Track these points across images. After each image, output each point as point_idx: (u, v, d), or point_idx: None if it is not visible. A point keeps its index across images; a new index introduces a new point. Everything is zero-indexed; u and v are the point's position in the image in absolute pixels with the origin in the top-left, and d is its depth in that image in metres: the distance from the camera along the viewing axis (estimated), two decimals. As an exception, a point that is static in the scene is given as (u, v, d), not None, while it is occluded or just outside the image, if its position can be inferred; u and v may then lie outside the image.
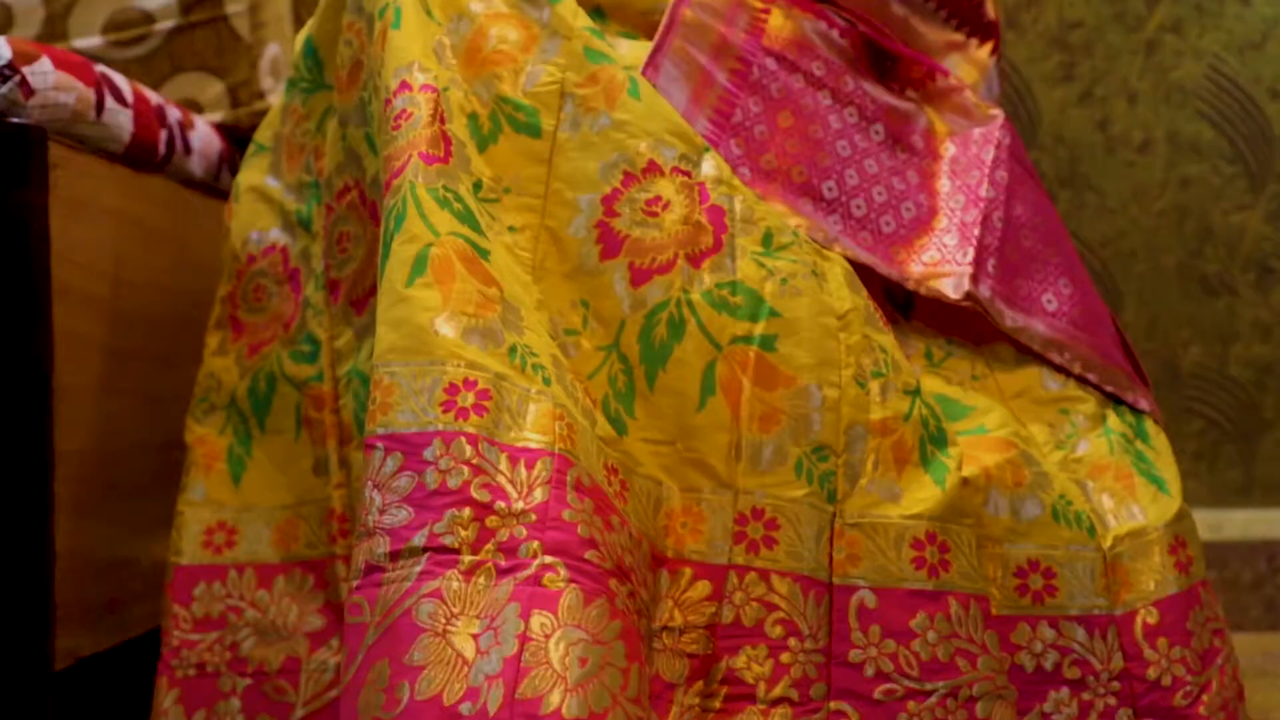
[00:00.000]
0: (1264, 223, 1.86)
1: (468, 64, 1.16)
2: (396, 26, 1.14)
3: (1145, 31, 1.87)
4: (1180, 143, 1.87)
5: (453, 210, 1.06)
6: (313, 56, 1.30)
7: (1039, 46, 1.88)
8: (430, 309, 1.00)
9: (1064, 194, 1.88)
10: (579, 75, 1.14)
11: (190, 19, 1.75)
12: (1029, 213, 1.28)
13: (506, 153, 1.13)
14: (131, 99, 1.46)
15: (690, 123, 1.21)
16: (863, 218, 1.23)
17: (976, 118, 1.34)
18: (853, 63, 1.35)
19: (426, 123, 1.09)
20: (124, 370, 1.44)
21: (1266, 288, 1.86)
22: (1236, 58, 1.87)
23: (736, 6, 1.32)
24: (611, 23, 1.28)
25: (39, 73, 1.31)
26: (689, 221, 1.10)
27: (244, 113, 1.76)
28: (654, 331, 1.08)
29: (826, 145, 1.25)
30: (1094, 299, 1.29)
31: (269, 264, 1.31)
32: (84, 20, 1.75)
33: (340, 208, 1.25)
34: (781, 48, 1.29)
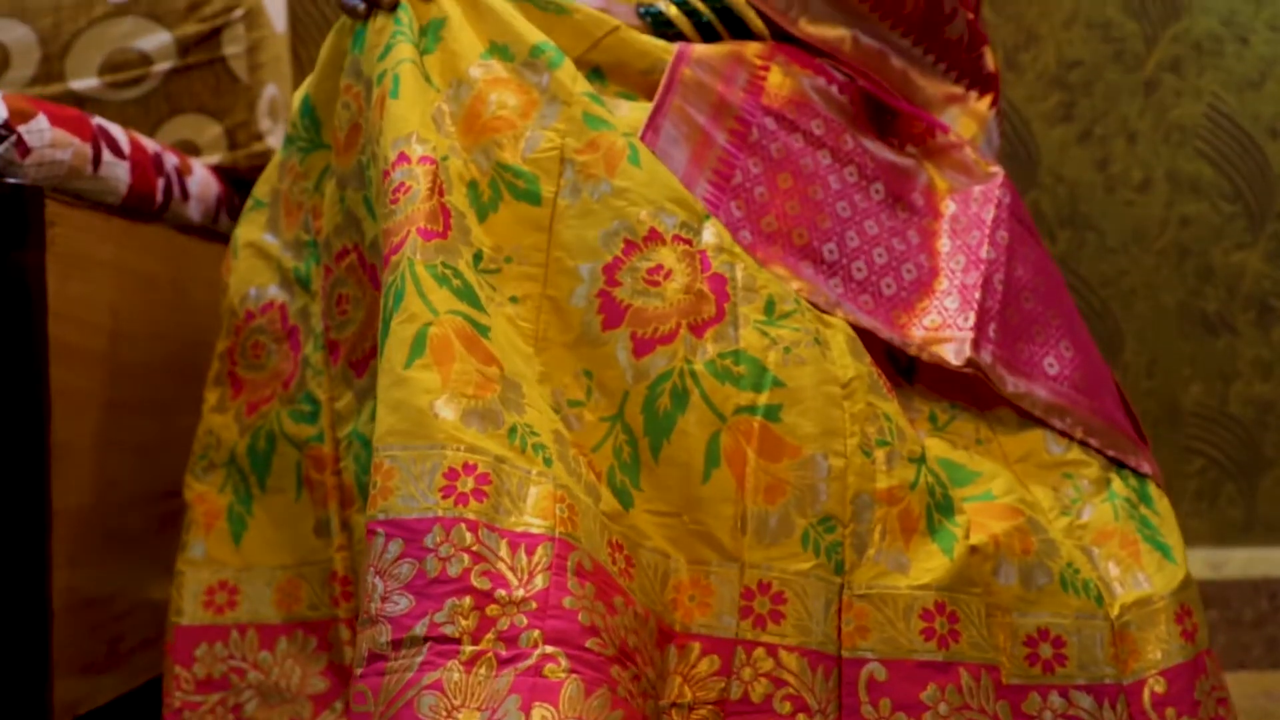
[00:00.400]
0: (1264, 261, 1.86)
1: (467, 131, 1.15)
2: (395, 95, 1.14)
3: (1144, 71, 1.87)
4: (1180, 182, 1.87)
5: (451, 287, 1.05)
6: (310, 116, 1.29)
7: (1038, 86, 1.88)
8: (429, 391, 1.00)
9: (1064, 233, 1.87)
10: (579, 141, 1.14)
11: (188, 61, 1.74)
12: (1030, 274, 1.28)
13: (507, 221, 1.13)
14: (128, 149, 1.46)
15: (691, 184, 1.21)
16: (863, 280, 1.23)
17: (977, 175, 1.34)
18: (852, 119, 1.34)
19: (425, 196, 1.09)
20: (121, 422, 1.43)
21: (1267, 326, 1.86)
22: (1235, 97, 1.87)
23: (735, 63, 1.31)
24: (610, 83, 1.27)
25: (35, 130, 1.30)
26: (691, 290, 1.09)
27: (242, 155, 1.75)
28: (657, 402, 1.07)
29: (827, 207, 1.25)
30: (1095, 360, 1.29)
31: (267, 321, 1.31)
32: (81, 61, 1.74)
33: (339, 270, 1.24)
34: (780, 106, 1.29)
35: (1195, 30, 1.87)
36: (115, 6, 1.75)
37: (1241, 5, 1.86)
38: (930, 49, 1.42)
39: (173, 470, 1.49)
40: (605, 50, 1.27)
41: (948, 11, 1.41)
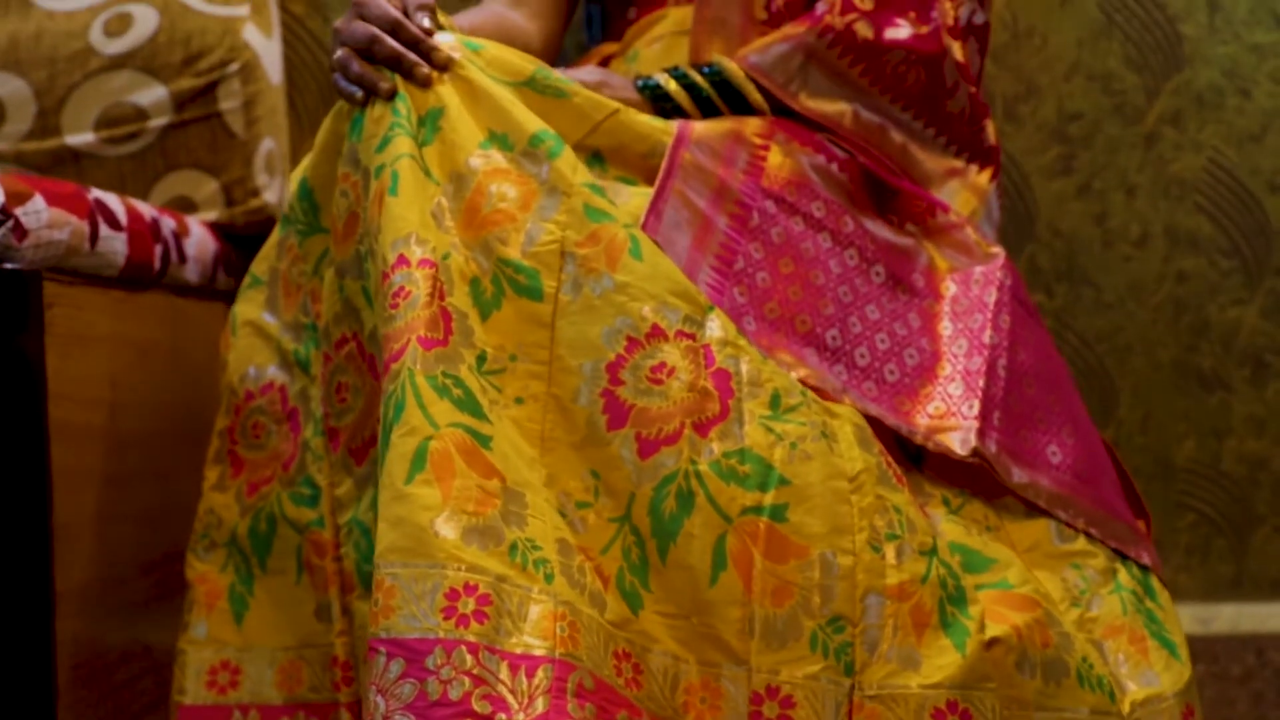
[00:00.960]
0: (1260, 317, 1.86)
1: (467, 226, 1.15)
2: (394, 193, 1.13)
3: (1145, 124, 1.87)
4: (1178, 236, 1.87)
5: (452, 398, 1.05)
6: (308, 199, 1.29)
7: (1037, 139, 1.87)
8: (430, 508, 1.00)
9: (1060, 288, 1.87)
10: (579, 234, 1.13)
11: (184, 116, 1.73)
12: (1032, 358, 1.28)
13: (510, 318, 1.12)
14: (125, 220, 1.45)
15: (694, 270, 1.20)
16: (866, 367, 1.23)
17: (977, 255, 1.34)
18: (852, 197, 1.34)
19: (425, 302, 1.08)
20: (122, 494, 1.43)
21: (1261, 382, 1.86)
22: (1236, 151, 1.86)
23: (735, 142, 1.31)
24: (610, 167, 1.27)
25: (32, 212, 1.30)
26: (695, 388, 1.09)
27: (239, 212, 1.74)
28: (663, 505, 1.07)
29: (828, 292, 1.25)
30: (1096, 444, 1.29)
31: (267, 402, 1.30)
32: (76, 115, 1.73)
33: (338, 358, 1.24)
34: (780, 188, 1.28)
35: (1197, 82, 1.86)
36: (111, 60, 1.74)
37: (1244, 57, 1.86)
38: (931, 123, 1.42)
39: (174, 535, 1.49)
40: (605, 134, 1.26)
41: (949, 85, 1.41)
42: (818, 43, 1.38)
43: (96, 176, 1.73)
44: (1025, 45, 1.87)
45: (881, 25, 1.39)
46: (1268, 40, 1.86)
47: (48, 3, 1.78)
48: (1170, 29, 1.86)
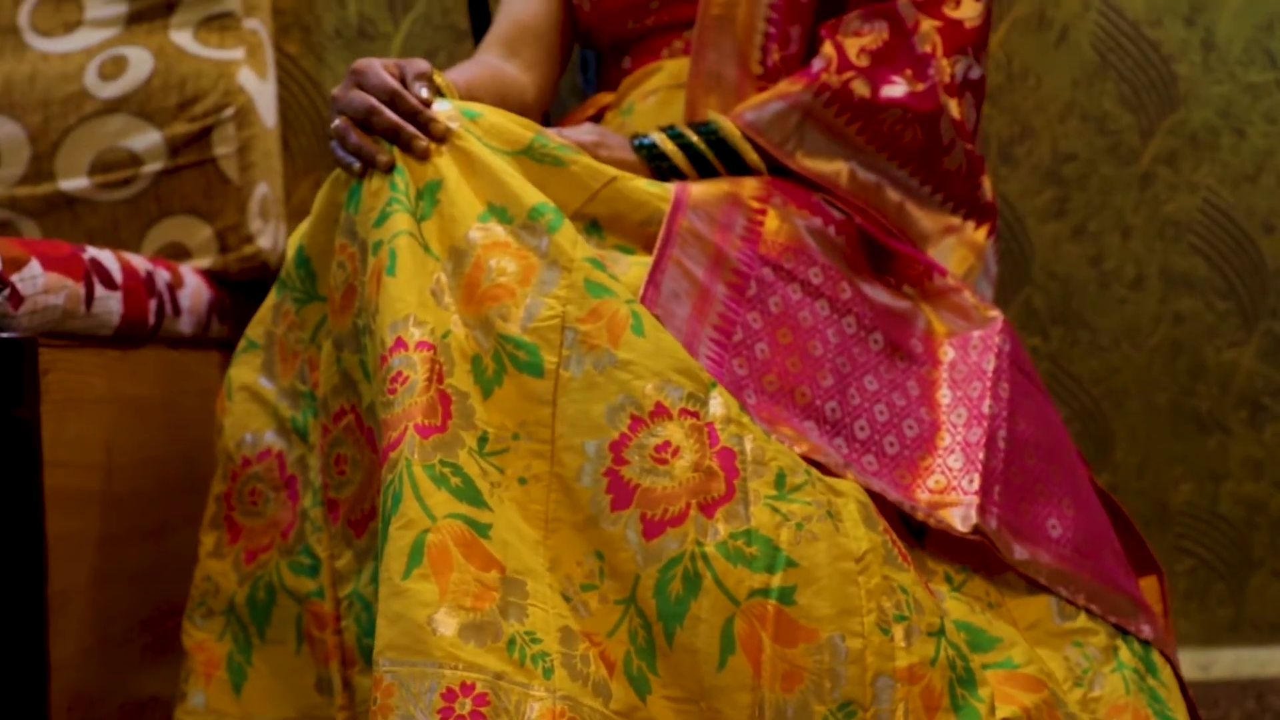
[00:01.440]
0: (1257, 359, 1.86)
1: (467, 302, 1.14)
2: (391, 273, 1.12)
3: (1139, 165, 1.87)
4: (1173, 278, 1.87)
5: (450, 487, 1.05)
6: (305, 267, 1.28)
7: (1032, 180, 1.87)
8: (427, 604, 1.00)
9: (1056, 331, 1.87)
10: (580, 310, 1.12)
11: (178, 161, 1.73)
12: (1032, 428, 1.28)
13: (511, 395, 1.12)
14: (120, 278, 1.44)
15: (694, 341, 1.20)
16: (866, 440, 1.22)
17: (975, 319, 1.33)
18: (848, 260, 1.34)
19: (422, 388, 1.08)
20: (117, 555, 1.43)
21: (1259, 425, 1.86)
22: (1231, 191, 1.86)
23: (732, 206, 1.31)
24: (608, 236, 1.26)
25: (28, 278, 1.29)
26: (700, 468, 1.08)
27: (233, 258, 1.74)
28: (669, 587, 1.06)
29: (827, 362, 1.24)
30: (1096, 512, 1.29)
31: (264, 469, 1.30)
32: (71, 160, 1.73)
33: (337, 430, 1.23)
34: (778, 255, 1.28)
35: (1191, 122, 1.86)
36: (105, 103, 1.73)
37: (1238, 96, 1.86)
38: (928, 180, 1.42)
39: (169, 591, 1.49)
40: (603, 202, 1.26)
41: (946, 143, 1.41)
42: (814, 101, 1.38)
43: (90, 222, 1.72)
44: (1020, 86, 1.87)
45: (878, 83, 1.39)
46: (1262, 80, 1.86)
47: (42, 44, 1.77)
48: (1165, 69, 1.86)
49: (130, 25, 1.77)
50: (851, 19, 1.42)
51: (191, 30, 1.77)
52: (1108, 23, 1.86)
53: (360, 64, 1.24)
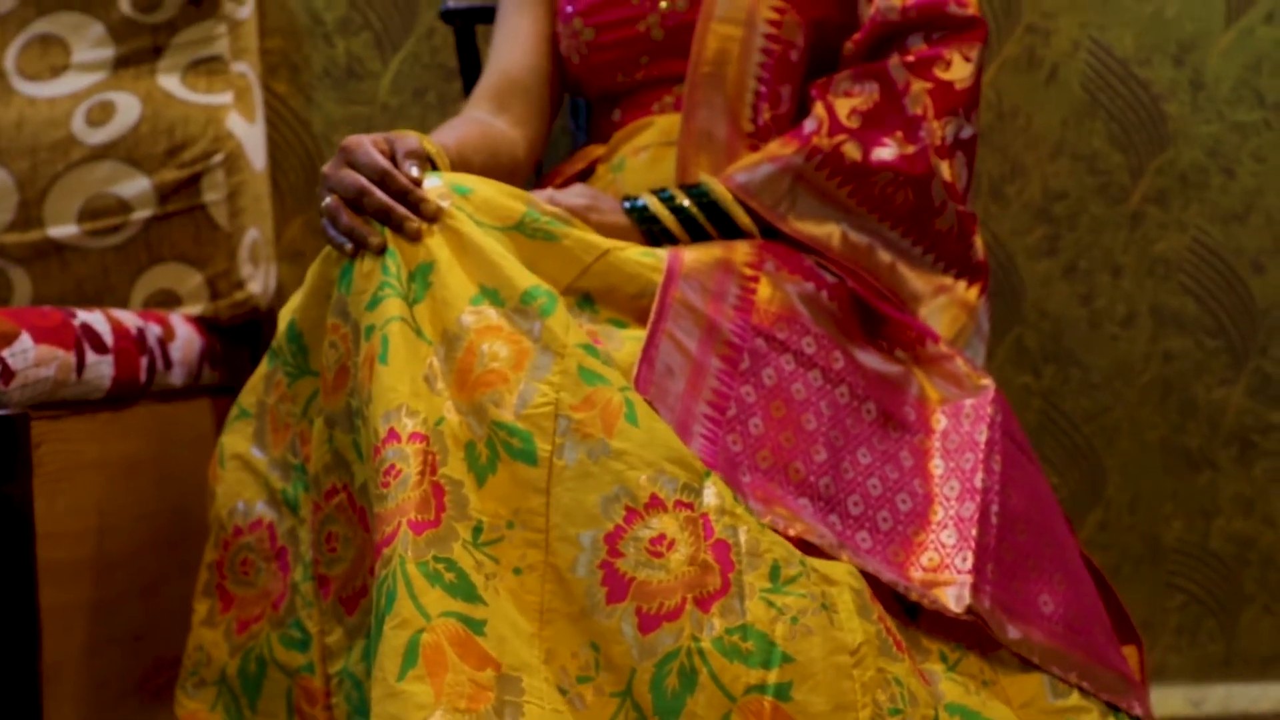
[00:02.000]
0: (1246, 397, 1.87)
1: (460, 387, 1.14)
2: (384, 360, 1.12)
3: (1129, 204, 1.87)
4: (1164, 316, 1.87)
5: (444, 584, 1.05)
6: (297, 342, 1.28)
7: (1023, 219, 1.87)
8: (423, 706, 1.00)
9: (1048, 369, 1.88)
10: (574, 397, 1.12)
11: (167, 208, 1.72)
12: (1023, 501, 1.28)
13: (505, 483, 1.12)
14: (111, 340, 1.44)
15: (688, 419, 1.20)
16: (860, 515, 1.23)
17: (967, 387, 1.34)
18: (841, 325, 1.34)
19: (415, 481, 1.08)
20: (110, 618, 1.43)
21: (1248, 462, 1.87)
22: (1220, 230, 1.87)
23: (725, 274, 1.30)
24: (601, 309, 1.26)
25: (19, 352, 1.29)
26: (695, 562, 1.08)
27: (223, 305, 1.74)
28: (665, 682, 1.07)
29: (820, 436, 1.24)
30: (1086, 585, 1.29)
31: (256, 539, 1.30)
32: (59, 207, 1.72)
33: (329, 508, 1.23)
34: (771, 325, 1.28)
35: (1181, 162, 1.86)
36: (93, 150, 1.72)
37: (1227, 136, 1.86)
38: (919, 241, 1.42)
39: (162, 647, 1.49)
40: (595, 276, 1.26)
41: (937, 205, 1.41)
42: (805, 165, 1.38)
43: (80, 269, 1.72)
44: (1010, 125, 1.87)
45: (869, 146, 1.39)
46: (1251, 119, 1.86)
47: (29, 89, 1.76)
48: (1154, 108, 1.86)
49: (117, 69, 1.76)
50: (842, 79, 1.42)
51: (179, 74, 1.76)
52: (1097, 62, 1.86)
53: (350, 141, 1.23)
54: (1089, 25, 1.86)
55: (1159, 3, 1.85)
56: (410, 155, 1.23)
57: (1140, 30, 1.86)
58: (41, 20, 1.77)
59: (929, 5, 1.42)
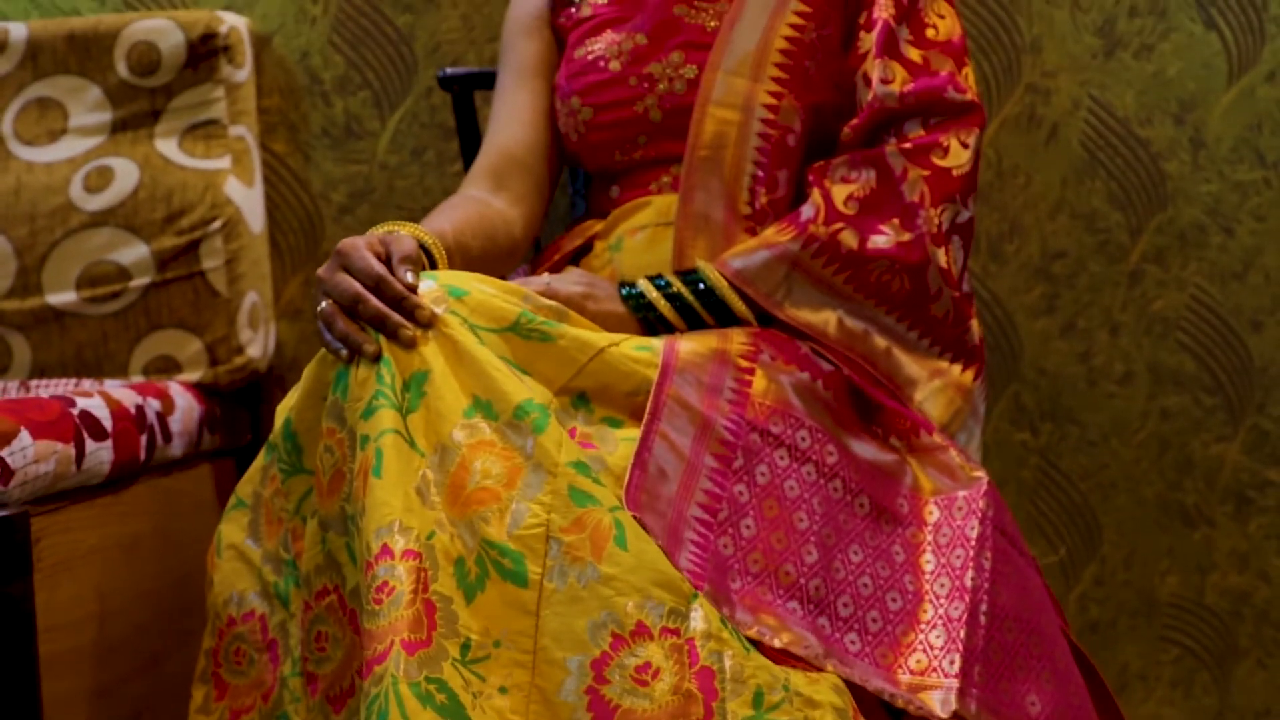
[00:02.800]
0: (1242, 454, 1.87)
1: (452, 502, 1.15)
2: (377, 474, 1.13)
3: (1128, 262, 1.87)
4: (1161, 374, 1.87)
5: (435, 705, 1.06)
6: (292, 440, 1.28)
7: (1021, 277, 1.88)
8: None
9: (1045, 426, 1.88)
10: (564, 519, 1.13)
11: (166, 275, 1.73)
12: (1013, 598, 1.29)
13: (494, 602, 1.13)
14: (110, 425, 1.45)
15: (679, 524, 1.20)
16: (849, 617, 1.23)
17: (960, 479, 1.34)
18: (836, 415, 1.34)
19: (408, 600, 1.09)
20: (112, 702, 1.45)
21: (1244, 518, 1.88)
22: (1219, 288, 1.87)
23: (720, 366, 1.31)
24: (596, 408, 1.26)
25: (17, 450, 1.30)
26: (679, 690, 1.10)
27: (223, 370, 1.74)
28: None
29: (812, 535, 1.25)
30: (1075, 686, 1.30)
31: (248, 630, 1.31)
32: (58, 274, 1.73)
33: (319, 608, 1.24)
34: (765, 420, 1.28)
35: (1180, 220, 1.86)
36: (91, 216, 1.73)
37: (1227, 194, 1.86)
38: (915, 326, 1.42)
39: (165, 717, 1.50)
40: (590, 375, 1.26)
41: (933, 291, 1.41)
42: (802, 253, 1.38)
43: (79, 335, 1.72)
44: (1009, 184, 1.87)
45: (866, 233, 1.39)
46: (1250, 178, 1.86)
47: (27, 153, 1.77)
48: (1154, 167, 1.86)
49: (115, 133, 1.76)
50: (839, 164, 1.42)
51: (177, 138, 1.76)
52: (1098, 121, 1.85)
53: (345, 245, 1.24)
54: (1089, 84, 1.85)
55: (1161, 62, 1.85)
56: (405, 260, 1.23)
57: (1141, 89, 1.85)
58: (39, 83, 1.78)
59: (927, 91, 1.42)
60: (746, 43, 1.46)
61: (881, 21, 1.44)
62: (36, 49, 1.78)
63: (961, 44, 1.48)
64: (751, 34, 1.46)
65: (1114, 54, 1.85)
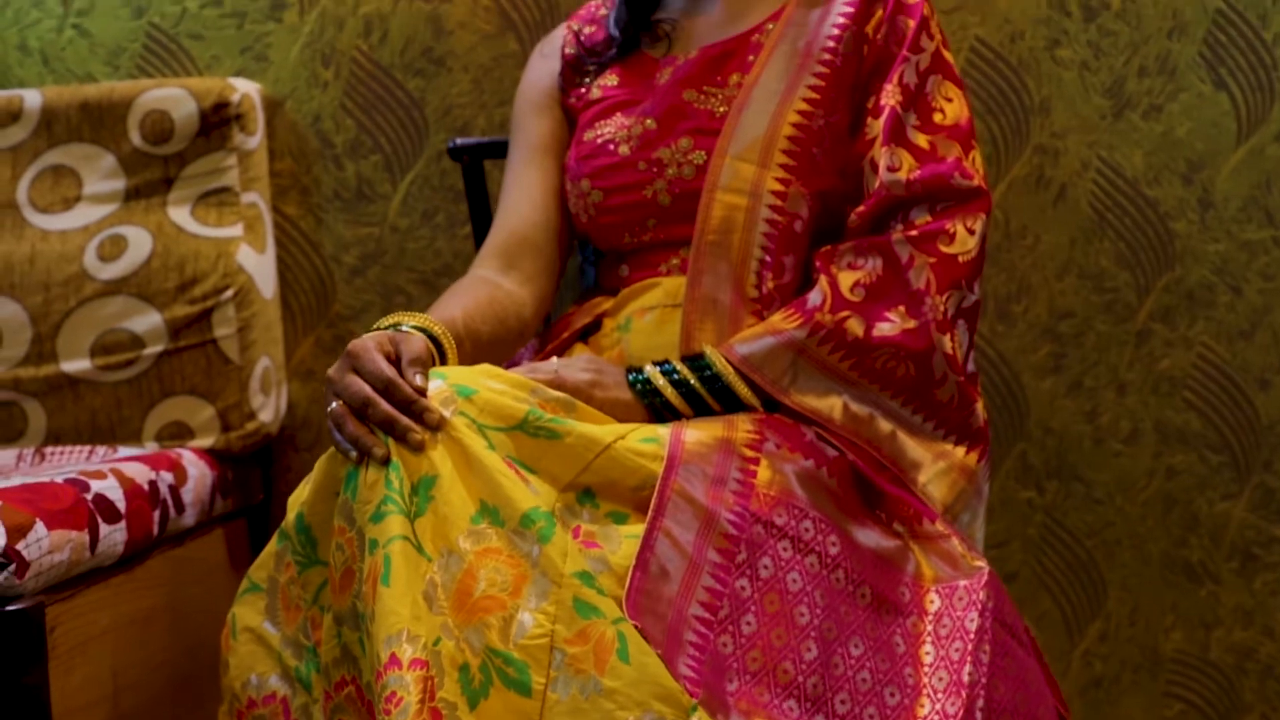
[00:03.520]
0: (1248, 511, 1.88)
1: (458, 609, 1.17)
2: (386, 582, 1.15)
3: (1135, 322, 1.88)
4: (1168, 432, 1.88)
5: None
6: (305, 534, 1.30)
7: (1029, 337, 1.88)
8: None
9: (1050, 484, 1.89)
10: (569, 630, 1.16)
11: (179, 343, 1.75)
12: (1010, 693, 1.30)
13: (497, 709, 1.15)
14: (124, 505, 1.47)
15: (679, 624, 1.22)
16: (846, 714, 1.25)
17: (962, 569, 1.35)
18: (840, 501, 1.36)
19: (415, 710, 1.12)
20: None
21: (1250, 575, 1.89)
22: (1226, 347, 1.87)
23: (725, 456, 1.32)
24: (602, 502, 1.28)
25: (33, 542, 1.32)
26: None
27: (235, 436, 1.76)
28: None
29: (812, 630, 1.26)
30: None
31: (270, 712, 1.33)
32: (72, 341, 1.75)
33: (339, 698, 1.26)
34: (770, 511, 1.30)
35: (1188, 280, 1.87)
36: (105, 285, 1.75)
37: (1235, 254, 1.86)
38: (919, 410, 1.43)
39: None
40: (596, 472, 1.28)
41: (938, 377, 1.42)
42: (808, 340, 1.39)
43: (93, 402, 1.74)
44: (1017, 245, 1.88)
45: (872, 321, 1.40)
46: (1258, 237, 1.86)
47: (41, 221, 1.78)
48: (1162, 227, 1.87)
49: (128, 201, 1.78)
50: (846, 250, 1.43)
51: (189, 206, 1.78)
52: (1106, 181, 1.86)
53: (356, 347, 1.25)
54: (1098, 145, 1.86)
55: (1170, 122, 1.86)
56: (414, 362, 1.25)
57: (1150, 150, 1.86)
58: (53, 151, 1.79)
59: (933, 178, 1.43)
60: (754, 129, 1.47)
61: (889, 109, 1.45)
62: (51, 117, 1.79)
63: (969, 127, 1.49)
64: (760, 120, 1.47)
65: (1123, 114, 1.86)
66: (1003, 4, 1.85)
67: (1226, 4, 1.84)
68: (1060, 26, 1.85)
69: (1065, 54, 1.86)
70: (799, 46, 1.50)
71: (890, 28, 1.49)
